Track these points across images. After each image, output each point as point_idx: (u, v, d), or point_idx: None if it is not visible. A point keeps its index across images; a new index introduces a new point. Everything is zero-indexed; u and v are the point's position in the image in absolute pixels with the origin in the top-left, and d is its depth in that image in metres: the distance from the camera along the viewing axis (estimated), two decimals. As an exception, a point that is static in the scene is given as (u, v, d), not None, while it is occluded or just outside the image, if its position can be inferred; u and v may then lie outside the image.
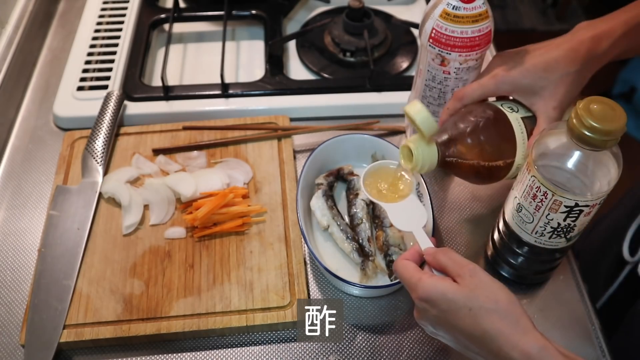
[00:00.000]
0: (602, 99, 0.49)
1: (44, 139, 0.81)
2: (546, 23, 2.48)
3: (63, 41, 0.95)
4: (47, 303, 0.62)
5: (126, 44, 0.88)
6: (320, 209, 0.67)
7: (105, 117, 0.77)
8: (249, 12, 0.94)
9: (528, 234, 0.58)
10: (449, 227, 0.71)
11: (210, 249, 0.67)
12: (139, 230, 0.69)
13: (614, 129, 0.47)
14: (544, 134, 0.54)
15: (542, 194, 0.53)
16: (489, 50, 0.90)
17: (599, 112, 0.48)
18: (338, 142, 0.71)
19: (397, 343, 0.62)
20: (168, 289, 0.63)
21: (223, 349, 0.61)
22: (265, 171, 0.74)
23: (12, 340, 0.61)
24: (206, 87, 0.83)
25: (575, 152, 0.51)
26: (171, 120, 0.80)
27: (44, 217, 0.70)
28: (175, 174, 0.73)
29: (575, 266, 0.68)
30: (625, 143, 0.52)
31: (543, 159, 0.53)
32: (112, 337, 0.60)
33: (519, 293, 0.66)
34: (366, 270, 0.63)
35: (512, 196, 0.59)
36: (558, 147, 0.52)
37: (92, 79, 0.84)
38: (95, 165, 0.73)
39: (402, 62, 0.88)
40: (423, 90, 0.70)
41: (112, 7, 0.95)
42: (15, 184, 0.76)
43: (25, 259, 0.68)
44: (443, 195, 0.74)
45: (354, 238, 0.66)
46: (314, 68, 0.87)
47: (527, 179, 0.55)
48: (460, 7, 0.61)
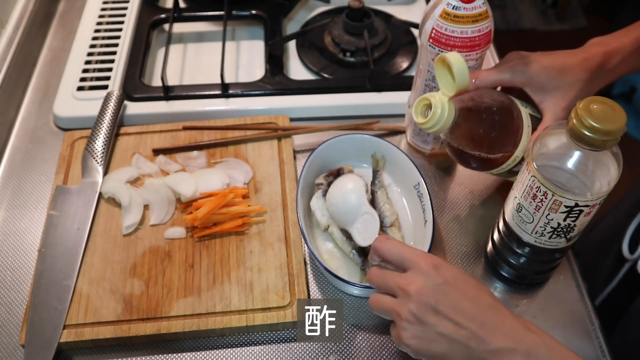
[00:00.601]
0: (602, 99, 0.49)
1: (44, 139, 0.81)
2: (546, 23, 2.48)
3: (63, 41, 0.95)
4: (47, 303, 0.62)
5: (126, 44, 0.88)
6: (320, 209, 0.67)
7: (105, 117, 0.77)
8: (249, 12, 0.94)
9: (528, 234, 0.58)
10: (449, 227, 0.71)
11: (210, 249, 0.67)
12: (139, 230, 0.69)
13: (614, 129, 0.47)
14: (544, 134, 0.54)
15: (542, 194, 0.53)
16: (489, 51, 0.90)
17: (599, 112, 0.48)
18: (338, 142, 0.71)
19: (397, 343, 0.62)
20: (168, 289, 0.63)
21: (223, 349, 0.61)
22: (265, 171, 0.74)
23: (12, 340, 0.61)
24: (206, 87, 0.83)
25: (575, 152, 0.51)
26: (171, 120, 0.80)
27: (44, 217, 0.70)
28: (175, 174, 0.73)
29: (575, 266, 0.68)
30: (625, 143, 0.52)
31: (543, 159, 0.53)
32: (112, 337, 0.60)
33: (519, 293, 0.66)
34: (366, 270, 0.63)
35: (512, 196, 0.59)
36: (558, 147, 0.53)
37: (92, 79, 0.84)
38: (95, 165, 0.73)
39: (402, 62, 0.88)
40: (423, 90, 0.70)
41: (112, 7, 0.95)
42: (15, 184, 0.76)
43: (25, 259, 0.68)
44: (443, 195, 0.74)
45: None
46: (314, 68, 0.87)
47: (527, 179, 0.55)
48: (460, 7, 0.61)
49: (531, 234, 0.58)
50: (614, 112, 0.48)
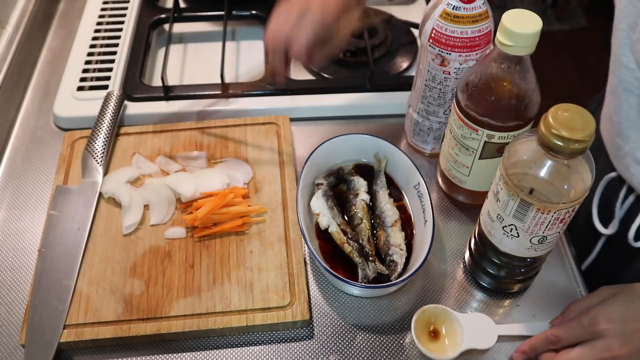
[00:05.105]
0: (571, 107, 0.48)
1: (44, 139, 0.81)
2: (546, 23, 2.46)
3: (63, 41, 0.95)
4: (47, 303, 0.62)
5: (126, 44, 0.88)
6: (320, 209, 0.67)
7: (105, 117, 0.77)
8: (249, 12, 0.94)
9: (503, 242, 0.58)
10: (449, 227, 0.71)
11: (210, 249, 0.67)
12: (139, 230, 0.69)
13: (583, 137, 0.47)
14: (515, 145, 0.53)
15: (516, 203, 0.53)
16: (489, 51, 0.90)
17: (567, 121, 0.47)
18: (338, 142, 0.71)
19: (397, 343, 0.62)
20: (168, 289, 0.63)
21: (223, 349, 0.61)
22: (265, 171, 0.74)
23: (12, 340, 0.61)
24: (206, 87, 0.83)
25: (547, 161, 0.50)
26: (171, 120, 0.80)
27: (44, 217, 0.70)
28: (176, 174, 0.73)
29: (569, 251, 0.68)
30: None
31: (515, 168, 0.53)
32: (112, 337, 0.60)
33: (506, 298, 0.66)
34: (366, 270, 0.63)
35: (486, 207, 0.59)
36: (530, 156, 0.52)
37: (92, 79, 0.85)
38: (95, 165, 0.73)
39: (402, 62, 0.88)
40: (423, 91, 0.70)
41: (112, 7, 0.95)
42: (16, 184, 0.76)
43: (25, 259, 0.68)
44: (443, 195, 0.74)
45: (354, 238, 0.66)
46: (314, 68, 0.87)
47: (503, 191, 0.54)
48: (460, 7, 0.61)
49: (504, 242, 0.58)
50: (583, 118, 0.48)
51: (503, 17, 0.54)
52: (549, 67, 2.27)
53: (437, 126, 0.73)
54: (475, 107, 0.60)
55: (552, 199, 0.51)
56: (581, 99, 1.70)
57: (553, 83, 2.18)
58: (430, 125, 0.73)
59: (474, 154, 0.64)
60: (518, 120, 0.60)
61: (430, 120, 0.72)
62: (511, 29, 0.53)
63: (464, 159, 0.66)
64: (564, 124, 0.47)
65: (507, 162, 0.53)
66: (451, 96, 0.68)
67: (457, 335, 0.60)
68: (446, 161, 0.69)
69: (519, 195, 0.52)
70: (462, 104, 0.61)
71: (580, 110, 0.48)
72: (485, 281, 0.65)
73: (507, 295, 0.65)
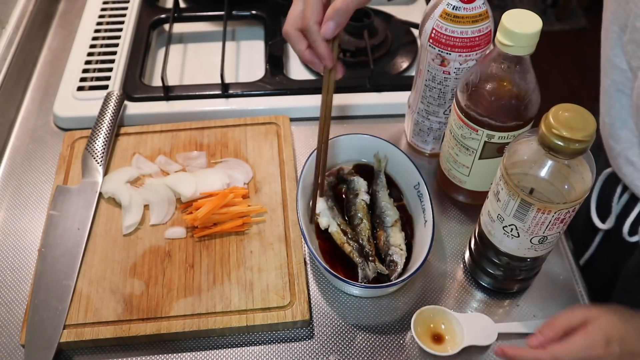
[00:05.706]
0: (571, 107, 0.48)
1: (44, 139, 0.81)
2: (546, 23, 2.47)
3: (63, 41, 0.95)
4: (47, 303, 0.62)
5: (126, 44, 0.88)
6: (320, 209, 0.67)
7: (105, 117, 0.77)
8: (249, 12, 0.94)
9: (503, 242, 0.58)
10: (449, 227, 0.71)
11: (210, 249, 0.67)
12: (139, 230, 0.69)
13: (584, 137, 0.47)
14: (515, 145, 0.53)
15: (517, 204, 0.53)
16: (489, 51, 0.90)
17: (568, 121, 0.47)
18: (338, 142, 0.71)
19: (397, 343, 0.62)
20: (168, 289, 0.63)
21: (223, 349, 0.61)
22: (265, 171, 0.74)
23: (12, 340, 0.61)
24: (206, 87, 0.83)
25: (548, 161, 0.50)
26: (171, 120, 0.80)
27: (44, 217, 0.70)
28: (176, 174, 0.73)
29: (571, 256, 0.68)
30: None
31: (516, 168, 0.53)
32: (112, 337, 0.60)
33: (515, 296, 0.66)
34: (366, 270, 0.63)
35: (486, 207, 0.59)
36: (531, 156, 0.52)
37: (92, 79, 0.85)
38: (95, 165, 0.73)
39: (402, 62, 0.88)
40: (423, 91, 0.70)
41: (112, 7, 0.95)
42: (16, 184, 0.76)
43: (25, 259, 0.68)
44: (443, 195, 0.74)
45: (354, 238, 0.66)
46: (314, 68, 0.87)
47: (503, 191, 0.54)
48: (460, 7, 0.61)
49: (505, 242, 0.57)
50: (583, 118, 0.47)
51: (503, 17, 0.54)
52: (549, 67, 2.27)
53: (437, 126, 0.73)
54: (475, 107, 0.60)
55: (552, 199, 0.51)
56: (581, 99, 1.70)
57: (553, 83, 2.18)
58: (430, 125, 0.73)
59: (474, 154, 0.64)
60: (518, 120, 0.60)
61: (430, 120, 0.72)
62: (511, 29, 0.53)
63: (464, 159, 0.66)
64: (564, 124, 0.47)
65: (508, 162, 0.53)
66: (451, 96, 0.68)
67: (457, 335, 0.60)
68: (446, 161, 0.69)
69: (519, 195, 0.52)
70: (462, 104, 0.61)
71: (581, 110, 0.48)
72: (485, 281, 0.65)
73: (507, 295, 0.65)
